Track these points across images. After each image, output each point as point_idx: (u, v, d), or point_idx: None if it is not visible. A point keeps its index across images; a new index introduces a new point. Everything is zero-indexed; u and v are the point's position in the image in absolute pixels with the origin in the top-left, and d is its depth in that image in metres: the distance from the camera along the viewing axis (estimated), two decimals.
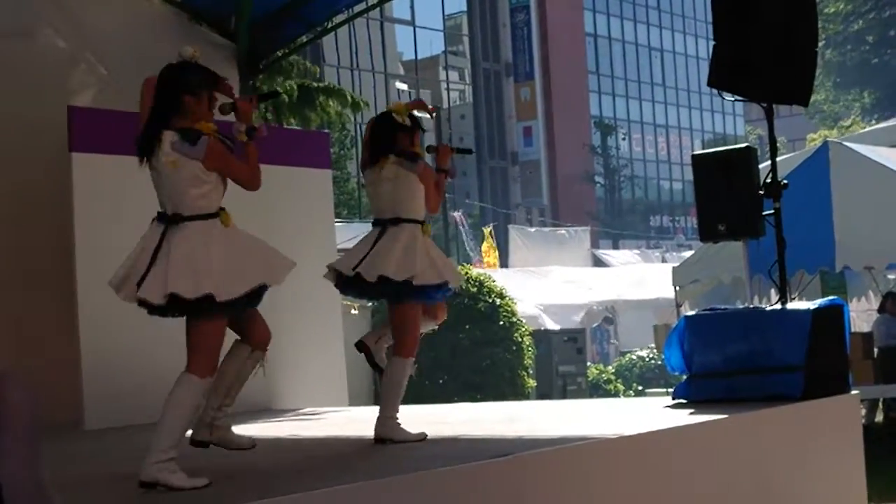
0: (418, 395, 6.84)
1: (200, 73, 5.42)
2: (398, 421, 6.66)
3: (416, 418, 7.01)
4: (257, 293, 5.30)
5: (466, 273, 17.04)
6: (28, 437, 1.35)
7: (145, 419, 9.00)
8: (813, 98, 10.18)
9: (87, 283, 9.14)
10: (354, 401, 12.42)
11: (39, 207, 9.52)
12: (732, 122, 72.70)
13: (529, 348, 17.60)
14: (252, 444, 5.75)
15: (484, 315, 17.12)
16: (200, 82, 5.39)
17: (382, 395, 6.76)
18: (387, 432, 6.60)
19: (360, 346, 6.78)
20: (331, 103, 22.46)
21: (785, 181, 8.85)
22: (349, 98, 23.76)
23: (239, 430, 7.82)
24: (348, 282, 6.68)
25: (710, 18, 8.98)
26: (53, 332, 9.39)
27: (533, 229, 43.41)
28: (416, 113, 6.84)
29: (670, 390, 8.99)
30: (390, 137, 6.70)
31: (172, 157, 5.24)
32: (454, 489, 5.26)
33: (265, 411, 9.62)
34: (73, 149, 9.16)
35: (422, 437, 6.69)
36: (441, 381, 16.47)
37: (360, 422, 8.42)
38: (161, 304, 5.16)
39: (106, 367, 9.10)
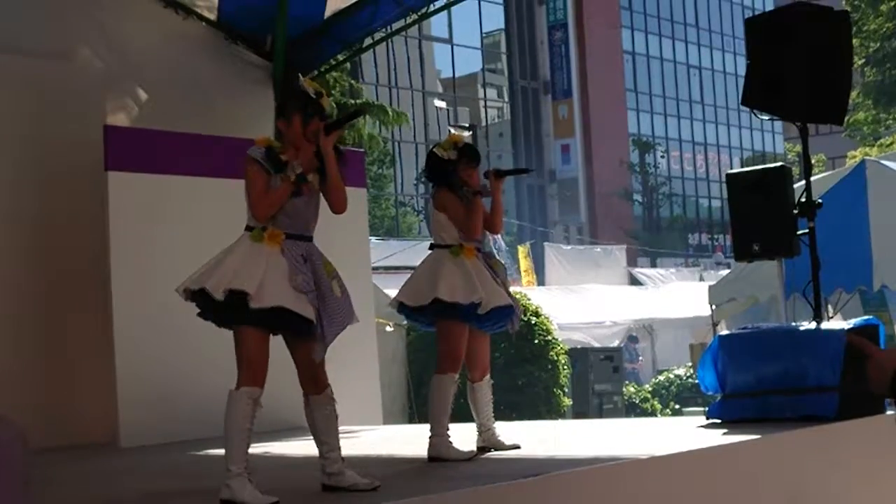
0: (454, 413, 6.88)
1: (293, 98, 5.56)
2: (449, 439, 6.76)
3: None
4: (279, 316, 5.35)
5: None
6: (19, 480, 1.35)
7: (180, 437, 9.12)
8: (853, 117, 10.17)
9: (123, 300, 9.21)
10: (388, 419, 12.42)
11: (76, 226, 9.58)
12: (772, 139, 72.30)
13: (565, 367, 17.53)
14: (373, 485, 5.53)
15: (519, 333, 17.05)
16: (291, 106, 5.53)
17: (429, 414, 6.91)
18: (437, 451, 6.72)
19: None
20: (366, 120, 22.46)
21: (819, 200, 8.81)
22: (389, 112, 23.70)
23: (273, 447, 7.88)
24: (403, 308, 7.01)
25: None
26: (89, 350, 9.44)
27: (569, 247, 43.30)
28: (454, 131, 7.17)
29: (707, 409, 8.96)
30: (435, 171, 7.18)
31: None
32: None
33: (299, 429, 9.62)
34: (109, 167, 9.23)
35: (470, 456, 6.76)
36: None
37: (394, 441, 8.44)
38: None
39: (141, 386, 9.15)
